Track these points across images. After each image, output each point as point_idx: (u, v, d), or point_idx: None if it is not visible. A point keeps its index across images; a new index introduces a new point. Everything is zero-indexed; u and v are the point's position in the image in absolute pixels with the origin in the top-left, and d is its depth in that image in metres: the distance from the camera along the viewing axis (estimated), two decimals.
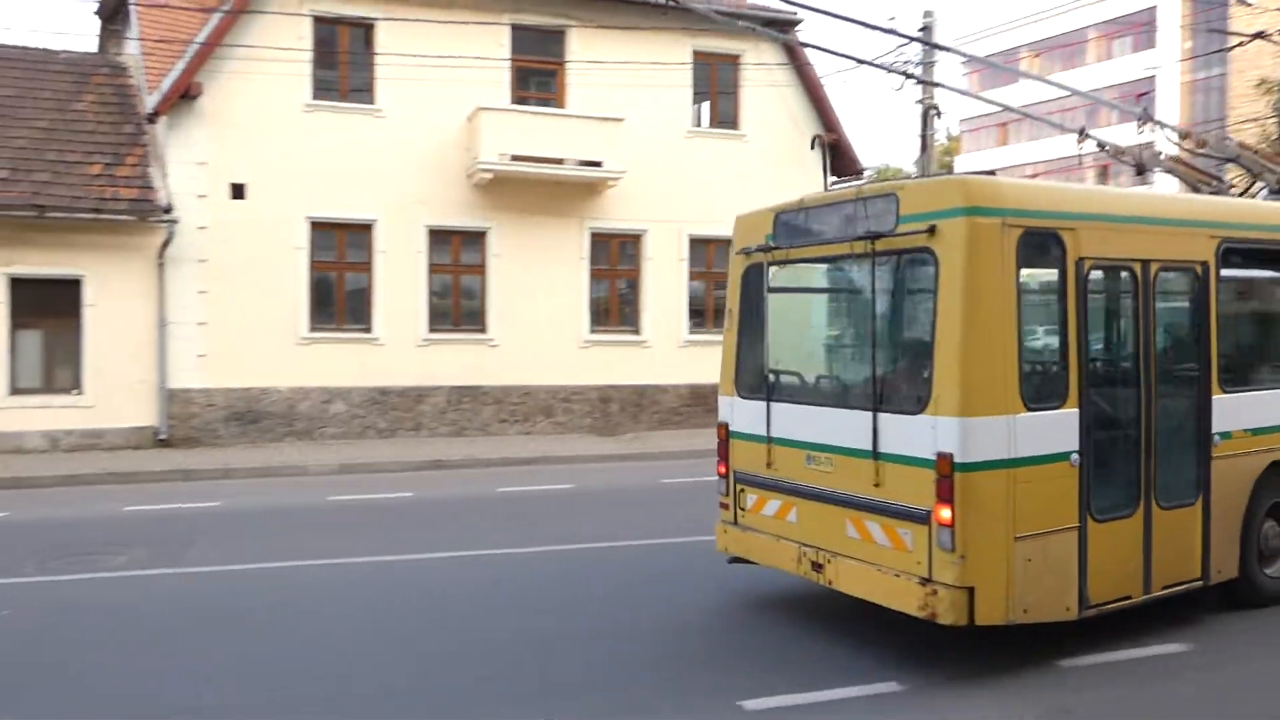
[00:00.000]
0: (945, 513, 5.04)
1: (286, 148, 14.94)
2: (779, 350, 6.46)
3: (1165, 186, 29.37)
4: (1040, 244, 5.36)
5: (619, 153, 15.83)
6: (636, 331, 17.06)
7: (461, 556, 8.47)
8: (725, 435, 6.77)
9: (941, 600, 5.07)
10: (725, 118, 17.78)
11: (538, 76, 16.69)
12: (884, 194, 5.60)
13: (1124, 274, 5.83)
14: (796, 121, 17.85)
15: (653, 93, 16.55)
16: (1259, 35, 22.91)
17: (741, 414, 6.60)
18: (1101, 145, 8.87)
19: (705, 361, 17.28)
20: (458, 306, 16.07)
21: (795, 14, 17.28)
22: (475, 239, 16.08)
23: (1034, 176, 57.88)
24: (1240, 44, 27.02)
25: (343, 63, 15.48)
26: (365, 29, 15.44)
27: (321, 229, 15.30)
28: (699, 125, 17.69)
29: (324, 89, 15.35)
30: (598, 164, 15.75)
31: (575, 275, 16.53)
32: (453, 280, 16.07)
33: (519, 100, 16.12)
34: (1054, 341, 5.47)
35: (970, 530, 5.02)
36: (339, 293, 15.52)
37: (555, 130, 15.58)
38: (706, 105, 17.97)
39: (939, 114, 17.25)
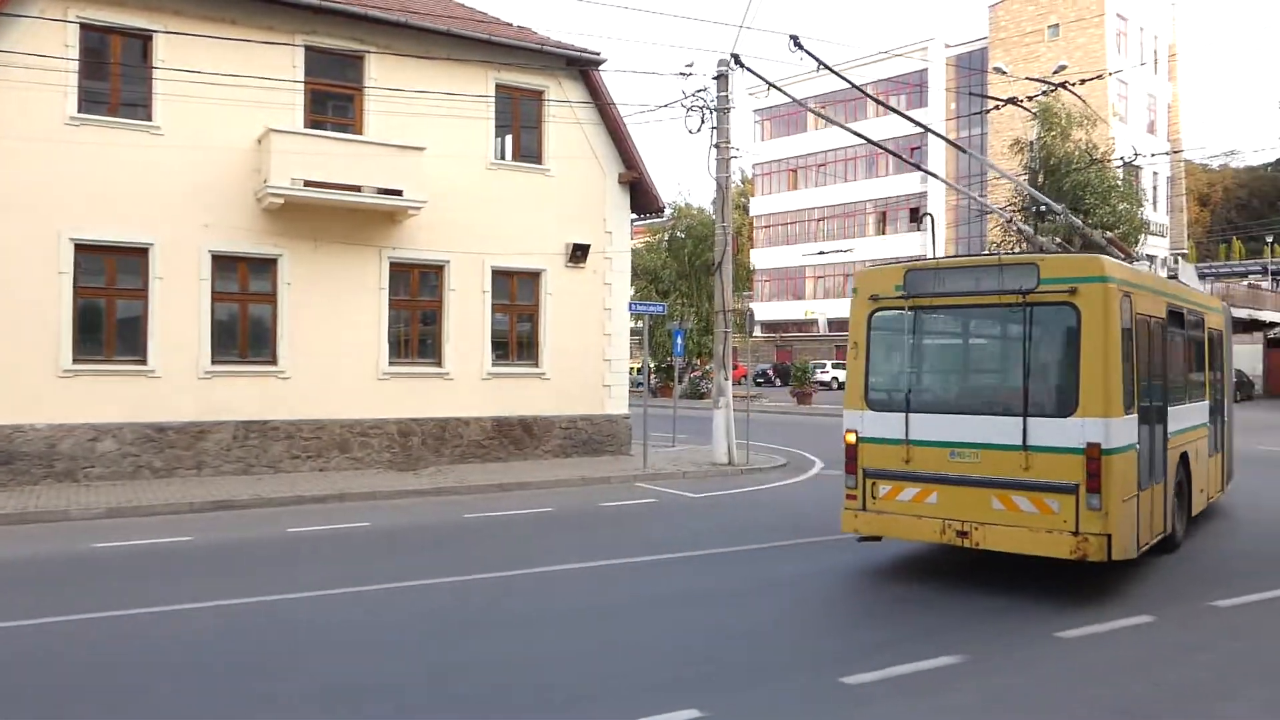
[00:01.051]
0: (1094, 484, 7.53)
1: (47, 163, 13.66)
2: (916, 372, 8.79)
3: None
4: (1126, 303, 8.03)
5: (420, 182, 15.51)
6: (438, 363, 16.69)
7: (251, 604, 7.89)
8: (856, 440, 8.80)
9: (1091, 544, 7.54)
10: (528, 151, 17.82)
11: (335, 101, 16.14)
12: (1025, 263, 8.10)
13: (1151, 323, 8.80)
14: (599, 157, 18.13)
15: (455, 123, 16.37)
16: (1011, 101, 25.45)
17: (872, 424, 8.75)
18: (1024, 235, 11.47)
19: (509, 394, 17.17)
20: (245, 336, 15.16)
21: (599, 54, 17.65)
22: (265, 266, 15.25)
23: (821, 220, 61.47)
24: (996, 108, 29.95)
25: (115, 75, 14.36)
26: (142, 40, 14.40)
27: (88, 252, 14.06)
28: (502, 158, 17.64)
29: (93, 102, 14.18)
30: (397, 192, 15.36)
31: (374, 305, 16.00)
32: (240, 309, 15.16)
33: (314, 124, 15.51)
34: (1127, 368, 7.96)
35: (1108, 496, 7.54)
36: (109, 321, 14.28)
37: (352, 156, 15.08)
38: (510, 138, 17.96)
39: (733, 155, 18.00)
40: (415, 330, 16.70)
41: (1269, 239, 61.17)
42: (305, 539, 10.76)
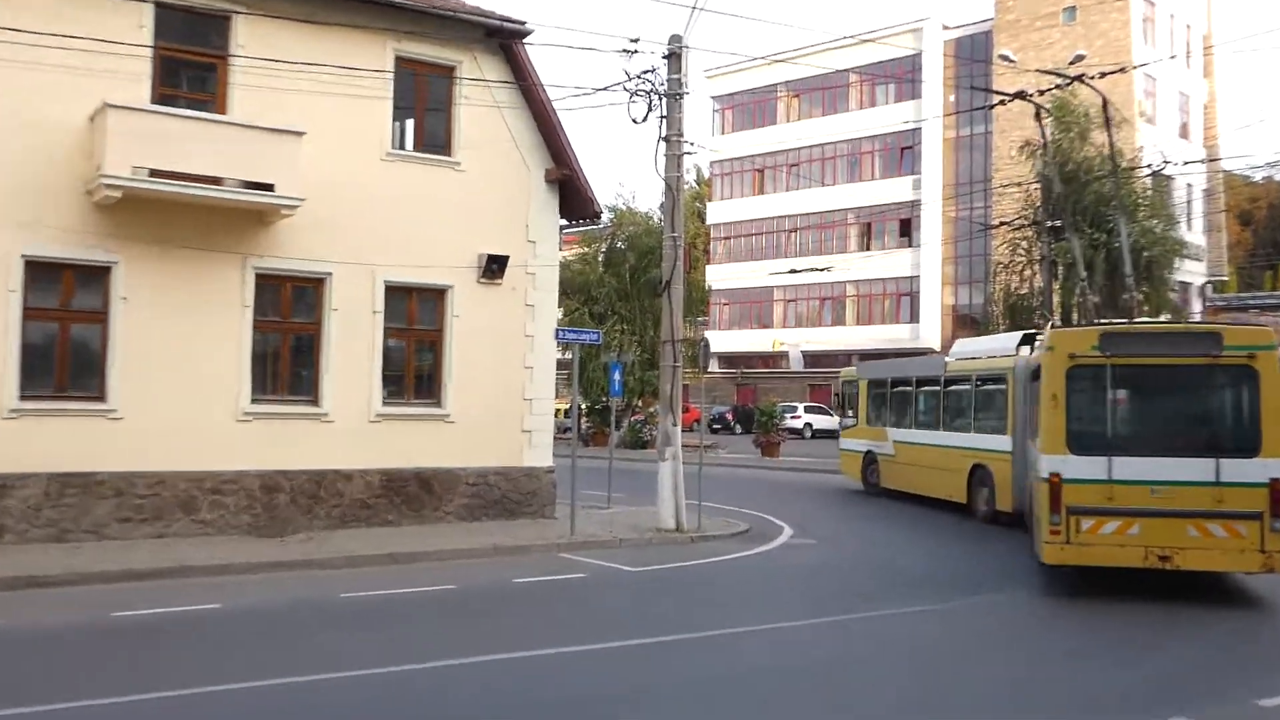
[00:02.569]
0: (1277, 510, 11.54)
1: None
2: (1118, 418, 12.51)
3: None
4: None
5: (297, 175, 15.34)
6: (314, 402, 16.44)
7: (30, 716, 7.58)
8: (1060, 481, 12.16)
9: (1275, 559, 11.53)
10: (435, 140, 17.77)
11: (192, 72, 15.92)
12: (1209, 331, 12.59)
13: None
14: (522, 149, 18.15)
15: (344, 104, 16.25)
16: (1019, 95, 26.13)
17: (1075, 467, 12.13)
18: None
19: (404, 441, 16.97)
20: (65, 365, 14.76)
21: (524, 24, 17.72)
22: (96, 276, 14.91)
23: (792, 232, 62.25)
24: (1001, 102, 30.72)
25: None
26: None
27: None
28: (402, 147, 17.57)
29: None
30: (268, 187, 15.17)
31: (234, 327, 15.73)
32: (60, 329, 14.77)
33: (164, 100, 15.27)
34: None
35: None
36: None
37: (212, 141, 14.85)
38: (412, 124, 17.91)
39: (686, 151, 18.15)
40: (286, 359, 16.47)
41: None
42: (132, 627, 10.46)
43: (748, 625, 10.93)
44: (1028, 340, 19.95)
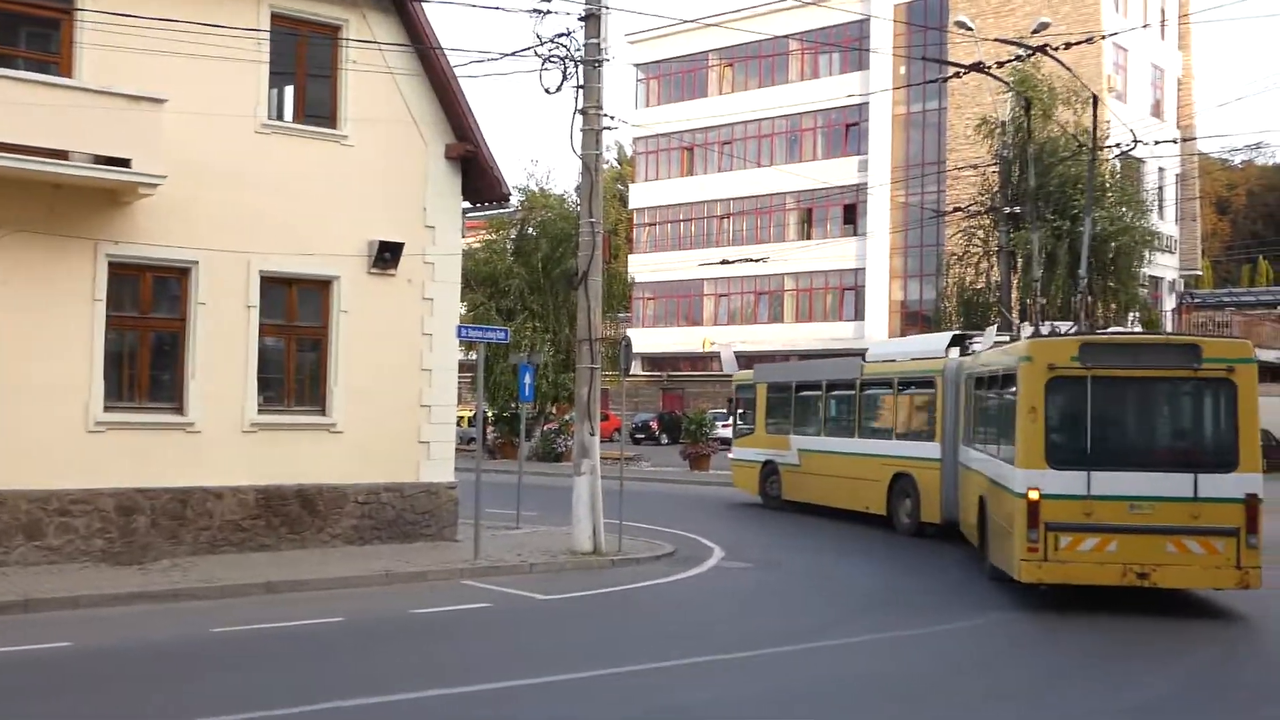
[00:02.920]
0: (1253, 526, 12.77)
1: None
2: (1095, 432, 13.30)
3: None
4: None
5: (157, 148, 15.16)
6: (179, 409, 16.27)
7: None
8: (1039, 497, 13.11)
9: (1251, 575, 12.74)
10: (318, 111, 17.70)
11: (31, 27, 15.75)
12: (1189, 343, 13.68)
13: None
14: (419, 122, 18.15)
15: (212, 67, 16.09)
16: (976, 67, 26.73)
17: (1054, 481, 13.15)
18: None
19: (283, 454, 16.89)
20: None
21: None
22: None
23: (725, 218, 62.78)
24: (957, 75, 31.35)
25: None
26: None
27: None
28: (280, 118, 17.48)
29: None
30: (124, 163, 14.99)
31: (83, 324, 15.52)
32: None
33: (0, 61, 15.01)
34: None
35: (1261, 535, 12.86)
36: None
37: (57, 108, 14.60)
38: (291, 91, 17.82)
39: (606, 126, 18.30)
40: (146, 361, 16.30)
41: None
42: None
43: (672, 659, 11.07)
44: (957, 342, 21.01)
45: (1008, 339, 18.82)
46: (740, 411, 28.00)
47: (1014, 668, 11.27)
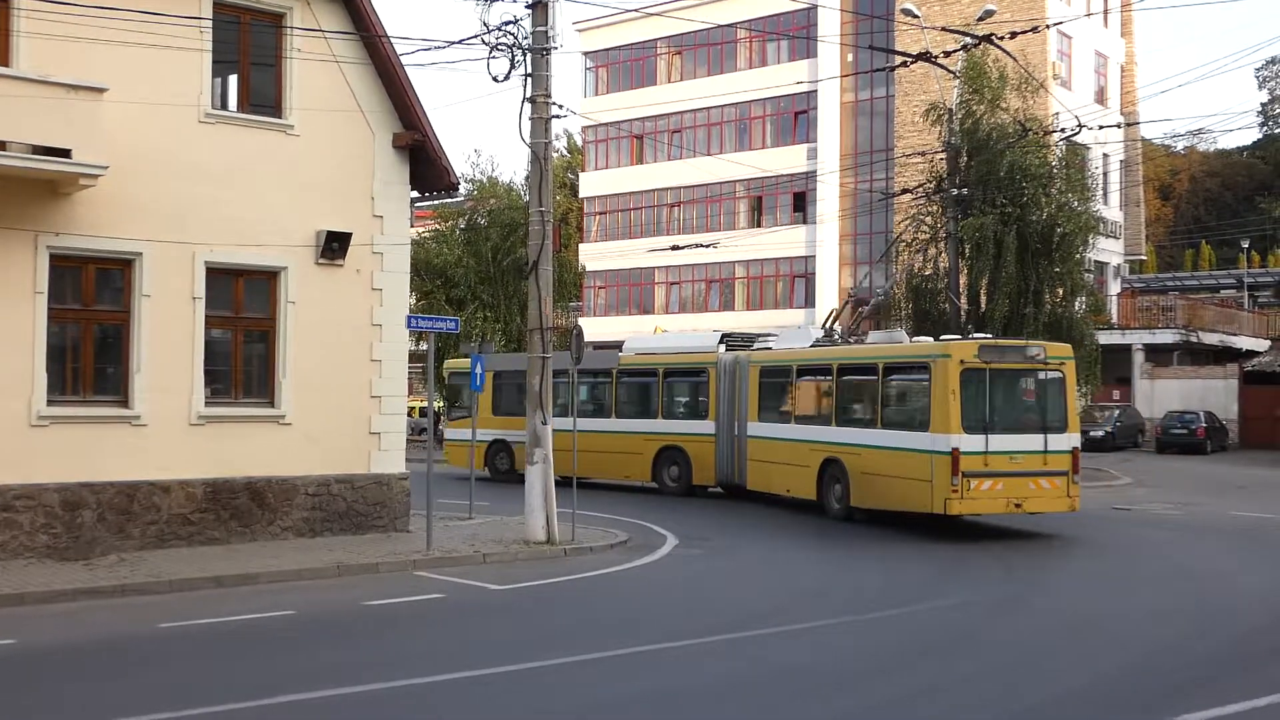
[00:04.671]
0: (1076, 468, 19.28)
1: None
2: (990, 408, 18.73)
3: None
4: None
5: (99, 138, 14.99)
6: (124, 402, 16.10)
7: None
8: (958, 454, 18.21)
9: (1075, 501, 19.26)
10: (263, 100, 17.55)
11: None
12: (1040, 347, 19.98)
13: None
14: (365, 111, 18.03)
15: (153, 56, 15.91)
16: (922, 57, 26.89)
17: (966, 442, 18.31)
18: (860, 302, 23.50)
19: (231, 447, 16.79)
20: None
21: None
22: None
23: (675, 206, 62.85)
24: (904, 64, 31.50)
25: None
26: None
27: None
28: (224, 107, 17.31)
29: None
30: (64, 153, 14.80)
31: (24, 318, 15.32)
32: None
33: None
34: None
35: (1079, 474, 19.56)
36: None
37: None
38: (235, 80, 17.66)
39: (555, 115, 18.25)
40: (90, 354, 16.13)
41: (1245, 244, 66.54)
42: None
43: (623, 648, 11.10)
44: (724, 340, 26.53)
45: (830, 342, 24.69)
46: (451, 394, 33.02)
47: (949, 656, 11.41)
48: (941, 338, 21.50)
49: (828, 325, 26.68)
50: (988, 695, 9.50)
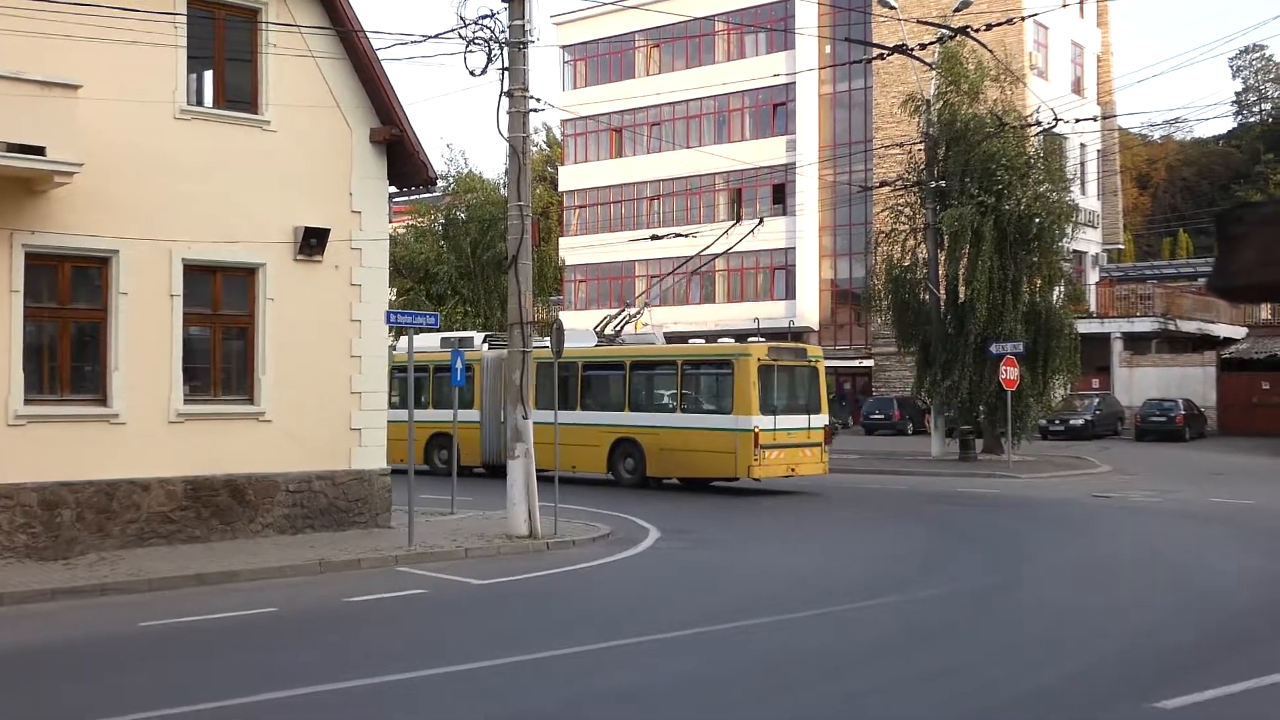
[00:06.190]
0: (828, 440, 26.24)
1: None
2: (774, 395, 24.85)
3: None
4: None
5: (73, 135, 14.86)
6: (102, 401, 16.02)
7: None
8: (759, 431, 23.81)
9: (826, 466, 25.92)
10: (239, 96, 17.46)
11: None
12: (802, 349, 27.91)
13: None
14: (342, 107, 17.97)
15: (127, 52, 15.80)
16: (899, 49, 26.96)
17: (762, 422, 23.98)
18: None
19: (211, 444, 16.73)
20: None
21: None
22: None
23: (655, 199, 62.85)
24: (881, 56, 31.57)
25: None
26: None
27: None
28: (199, 103, 17.22)
29: None
30: (38, 150, 14.68)
31: (1, 317, 15.20)
32: None
33: None
34: None
35: (829, 445, 26.68)
36: None
37: None
38: (210, 75, 17.57)
39: (533, 109, 18.22)
40: (67, 353, 16.05)
41: None
42: None
43: (603, 641, 11.12)
44: (487, 339, 29.59)
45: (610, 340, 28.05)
46: None
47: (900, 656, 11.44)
48: (690, 341, 30.56)
49: (599, 329, 29.30)
50: (972, 686, 9.55)
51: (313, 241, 17.48)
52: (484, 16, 17.53)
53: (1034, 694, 9.26)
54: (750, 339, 29.16)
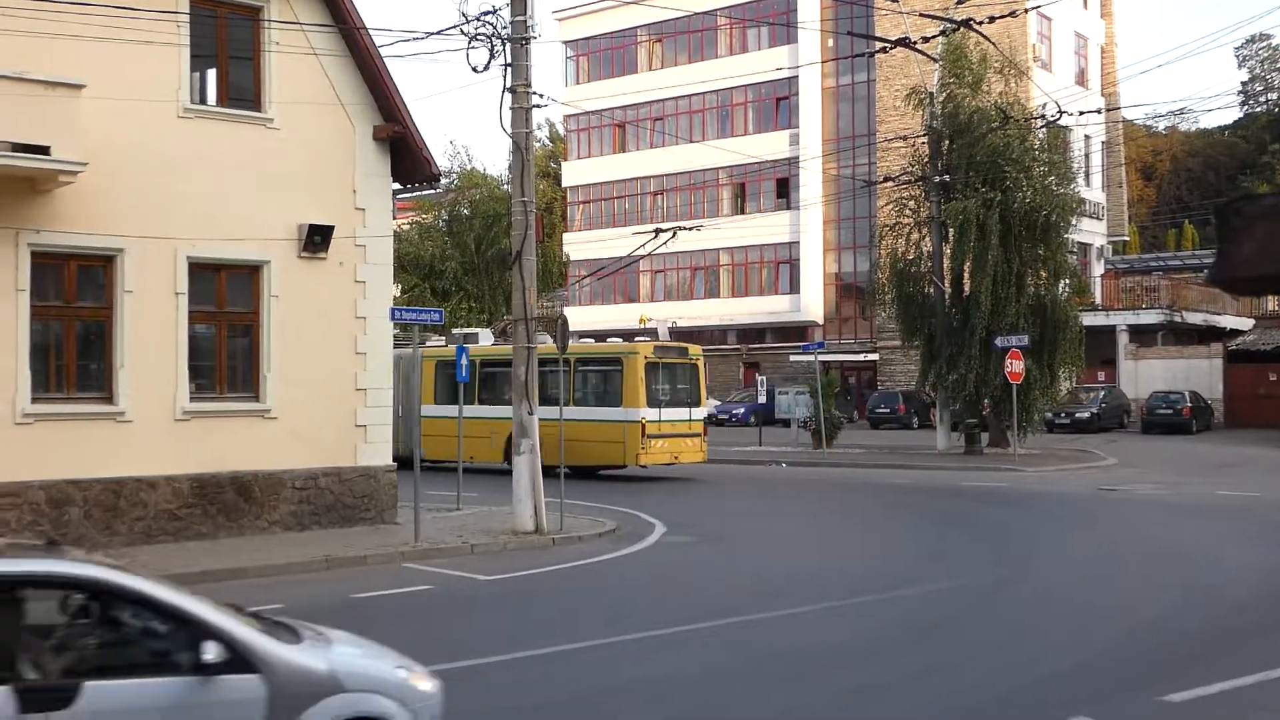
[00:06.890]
0: (705, 431, 29.11)
1: None
2: (660, 390, 27.55)
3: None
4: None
5: (77, 135, 14.89)
6: (108, 399, 16.06)
7: None
8: (646, 422, 26.50)
9: (704, 454, 28.54)
10: (242, 94, 17.48)
11: None
12: (684, 348, 29.57)
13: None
14: (345, 104, 17.97)
15: (131, 51, 15.82)
16: (902, 42, 26.91)
17: (649, 414, 26.71)
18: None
19: (217, 441, 16.77)
20: None
21: None
22: None
23: (659, 194, 62.79)
24: (884, 49, 31.51)
25: None
26: None
27: None
28: (203, 102, 17.25)
29: None
30: (43, 150, 14.71)
31: (7, 316, 15.24)
32: None
33: None
34: None
35: (706, 435, 29.61)
36: None
37: None
38: (214, 74, 17.60)
39: (536, 105, 18.23)
40: (73, 351, 16.09)
41: None
42: None
43: (611, 636, 11.13)
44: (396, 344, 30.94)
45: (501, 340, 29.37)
46: None
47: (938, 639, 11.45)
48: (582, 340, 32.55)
49: (497, 330, 31.38)
50: (979, 679, 9.57)
51: (317, 239, 17.50)
52: (486, 13, 17.54)
53: (1041, 687, 9.29)
54: (637, 338, 30.99)
